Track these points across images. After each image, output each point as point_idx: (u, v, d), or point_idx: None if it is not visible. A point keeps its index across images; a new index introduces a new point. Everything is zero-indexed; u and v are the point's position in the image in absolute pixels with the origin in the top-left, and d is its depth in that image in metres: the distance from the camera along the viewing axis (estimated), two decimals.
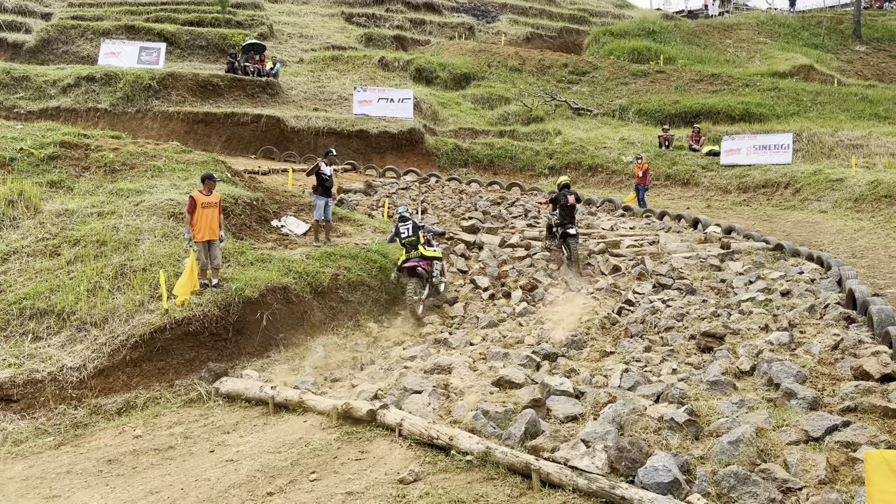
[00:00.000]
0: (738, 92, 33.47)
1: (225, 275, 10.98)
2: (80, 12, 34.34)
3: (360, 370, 9.93)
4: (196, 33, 31.96)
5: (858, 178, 19.90)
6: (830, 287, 11.19)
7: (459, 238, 16.31)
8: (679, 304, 11.45)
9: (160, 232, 11.93)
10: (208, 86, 25.97)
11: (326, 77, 30.77)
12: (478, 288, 13.81)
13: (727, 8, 58.28)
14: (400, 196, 20.00)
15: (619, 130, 29.54)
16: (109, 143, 15.22)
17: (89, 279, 10.65)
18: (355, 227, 15.20)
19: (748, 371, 7.78)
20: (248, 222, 13.42)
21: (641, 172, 21.00)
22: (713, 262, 13.87)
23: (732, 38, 45.64)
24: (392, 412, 7.39)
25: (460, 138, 27.91)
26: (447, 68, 35.09)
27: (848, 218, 18.04)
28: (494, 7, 47.77)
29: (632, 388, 7.68)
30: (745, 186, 22.94)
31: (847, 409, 6.40)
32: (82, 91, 24.64)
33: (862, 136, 26.52)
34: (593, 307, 12.22)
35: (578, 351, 9.89)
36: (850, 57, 44.52)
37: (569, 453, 5.99)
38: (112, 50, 27.21)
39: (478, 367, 9.20)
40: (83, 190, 13.41)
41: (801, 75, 37.02)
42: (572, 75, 36.76)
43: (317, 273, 12.02)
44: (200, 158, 15.42)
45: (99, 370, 9.42)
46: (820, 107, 31.93)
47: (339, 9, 41.05)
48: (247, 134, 24.56)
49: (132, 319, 9.97)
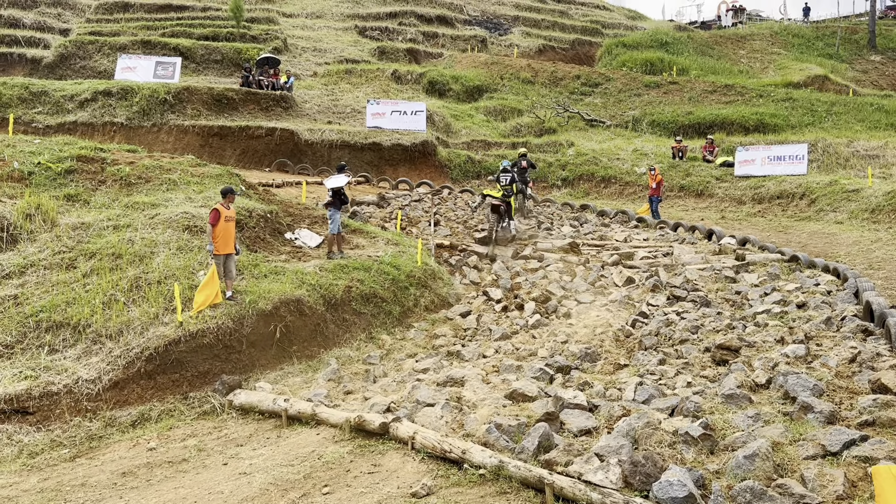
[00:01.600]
0: (752, 103, 33.32)
1: (239, 287, 11.04)
2: (97, 28, 34.83)
3: (373, 383, 9.93)
4: (211, 48, 32.28)
5: (875, 189, 19.73)
6: (847, 299, 11.08)
7: (472, 250, 16.31)
8: (694, 317, 11.38)
9: (175, 245, 12.01)
10: (223, 99, 26.18)
11: (340, 90, 30.95)
12: (490, 300, 13.79)
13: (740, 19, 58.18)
14: (413, 208, 20.02)
15: (632, 142, 29.47)
16: (125, 157, 15.37)
17: (105, 292, 10.73)
18: (368, 240, 15.24)
19: (764, 384, 7.71)
20: (262, 235, 13.49)
21: (655, 184, 20.93)
22: (728, 274, 13.78)
23: (746, 48, 45.54)
24: (405, 425, 7.38)
25: (473, 150, 27.95)
26: (460, 81, 35.20)
27: (864, 229, 17.87)
28: (507, 20, 47.94)
29: (646, 401, 7.63)
30: (759, 197, 22.81)
31: (865, 423, 6.32)
32: (99, 105, 24.91)
33: (878, 146, 26.30)
34: (607, 319, 12.15)
35: (592, 364, 9.84)
36: (865, 67, 44.29)
37: (582, 467, 5.95)
38: (128, 65, 27.52)
39: (491, 380, 9.17)
40: (99, 203, 13.54)
41: (816, 86, 36.84)
42: (585, 87, 36.77)
43: (330, 285, 12.05)
44: (215, 172, 15.53)
45: (114, 382, 9.48)
46: (835, 117, 31.73)
47: (352, 23, 41.35)
48: (261, 147, 24.71)
49: (147, 332, 10.03)
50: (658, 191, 21.01)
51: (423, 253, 14.36)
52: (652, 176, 21.07)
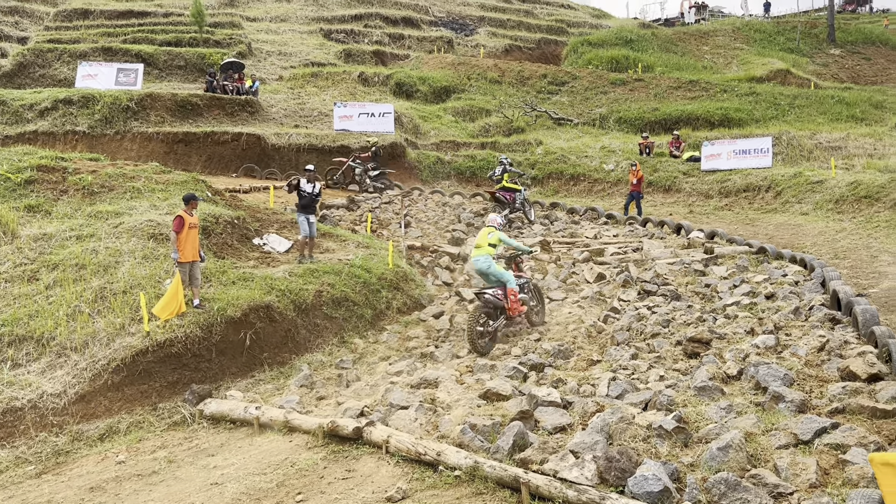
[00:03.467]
0: (717, 98, 33.75)
1: (207, 295, 10.86)
2: (56, 35, 34.14)
3: (346, 387, 9.83)
4: (174, 54, 31.82)
5: (838, 180, 20.07)
6: (814, 289, 11.22)
7: (444, 251, 16.26)
8: (664, 311, 11.44)
9: (140, 254, 11.79)
10: (187, 105, 25.82)
11: (306, 94, 30.70)
12: (463, 300, 13.75)
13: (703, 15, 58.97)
14: (383, 210, 19.93)
15: (599, 139, 29.66)
16: (88, 166, 15.07)
17: (69, 303, 10.50)
18: (338, 243, 15.12)
19: (735, 375, 7.75)
20: (229, 241, 13.30)
21: (636, 179, 21.02)
22: (697, 268, 13.89)
23: (709, 44, 46.11)
24: (378, 429, 7.30)
25: (442, 151, 27.91)
26: (427, 82, 35.15)
27: (829, 219, 18.16)
28: (473, 20, 48.00)
29: (619, 396, 7.63)
30: (726, 191, 23.07)
31: (835, 410, 6.38)
32: (60, 114, 24.40)
33: (840, 137, 26.78)
34: (579, 316, 12.19)
35: (565, 360, 9.84)
36: (825, 60, 45.10)
37: (558, 465, 5.91)
38: (89, 72, 26.99)
39: (465, 380, 9.13)
40: (61, 213, 13.25)
41: (778, 79, 37.43)
42: (552, 86, 36.94)
43: (300, 290, 11.91)
44: (180, 178, 15.29)
45: (80, 396, 9.27)
46: (798, 110, 32.25)
47: (317, 25, 41.06)
48: (227, 152, 24.41)
49: (113, 343, 9.82)
50: (639, 186, 21.10)
51: (394, 255, 14.28)
52: (633, 172, 21.15)
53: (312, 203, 13.79)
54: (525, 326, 12.13)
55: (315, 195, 13.84)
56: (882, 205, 17.42)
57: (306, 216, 13.51)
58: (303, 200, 13.65)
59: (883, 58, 45.82)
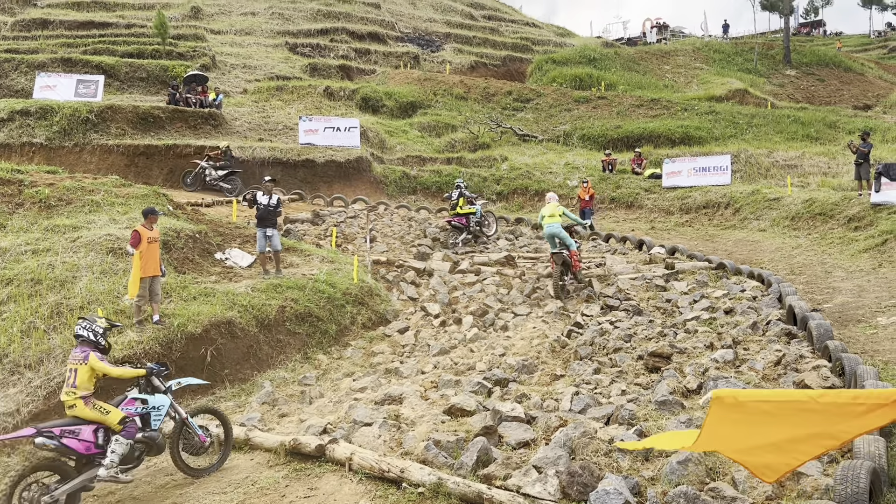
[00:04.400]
0: (678, 116, 34.43)
1: (167, 310, 10.69)
2: (13, 45, 33.46)
3: (309, 404, 9.73)
4: (136, 65, 31.41)
5: (794, 198, 20.57)
6: (771, 304, 11.46)
7: (409, 265, 16.25)
8: (626, 325, 11.57)
9: (98, 269, 11.57)
10: (149, 118, 25.49)
11: (271, 107, 30.54)
12: (429, 315, 13.74)
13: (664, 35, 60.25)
14: (348, 225, 19.86)
15: (563, 156, 30.02)
16: (45, 178, 14.76)
17: (23, 319, 10.24)
18: (302, 258, 15.01)
19: (695, 389, 7.88)
20: (190, 256, 13.12)
21: (588, 196, 21.31)
22: (658, 283, 14.09)
23: (670, 64, 47.08)
24: (342, 446, 7.24)
25: (408, 166, 27.96)
26: (393, 97, 35.25)
27: (786, 236, 18.59)
28: (439, 37, 48.32)
29: (582, 410, 7.69)
30: (686, 207, 23.49)
31: None
32: (16, 125, 23.88)
33: (796, 156, 27.51)
34: (543, 331, 12.25)
35: (529, 375, 9.88)
36: (781, 81, 46.33)
37: (521, 480, 5.93)
38: (47, 83, 26.48)
39: (429, 396, 9.11)
40: (16, 227, 12.94)
41: (737, 99, 38.35)
42: (517, 102, 37.33)
43: (263, 306, 11.80)
44: (141, 192, 15.07)
45: (34, 414, 9.01)
46: (755, 129, 33.05)
47: (282, 39, 40.94)
48: (190, 166, 24.15)
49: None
50: (590, 203, 21.41)
51: (359, 270, 14.23)
52: (584, 188, 21.46)
53: (269, 216, 13.51)
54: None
55: (273, 207, 13.62)
56: (836, 222, 17.89)
57: (263, 229, 13.34)
58: (258, 213, 13.47)
59: (836, 79, 47.24)
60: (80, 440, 6.85)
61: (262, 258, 13.45)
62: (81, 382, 6.99)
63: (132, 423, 7.09)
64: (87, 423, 6.94)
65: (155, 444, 7.34)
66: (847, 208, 18.02)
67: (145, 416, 7.35)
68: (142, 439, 7.20)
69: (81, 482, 6.80)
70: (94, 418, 6.92)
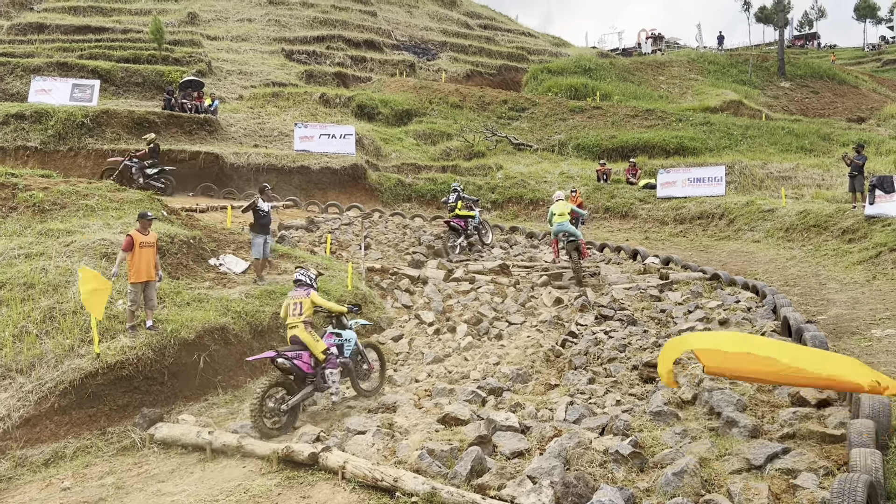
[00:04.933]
0: (672, 126, 34.55)
1: (160, 316, 10.62)
2: (9, 49, 33.39)
3: (302, 411, 9.67)
4: (132, 70, 31.37)
5: (788, 209, 20.64)
6: (766, 315, 11.46)
7: (403, 273, 16.22)
8: (621, 335, 11.57)
9: None
10: (144, 123, 25.42)
11: (267, 114, 30.53)
12: (423, 323, 13.70)
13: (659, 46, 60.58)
14: (343, 232, 19.83)
15: (558, 165, 30.07)
16: (39, 183, 14.69)
17: (15, 324, 10.15)
18: (297, 264, 14.95)
19: (690, 400, 7.86)
20: (184, 261, 13.06)
21: (576, 205, 21.28)
22: (653, 293, 14.09)
23: (665, 74, 47.30)
24: (335, 454, 7.19)
25: (403, 173, 27.98)
26: (389, 105, 35.29)
27: (780, 247, 18.64)
28: (435, 45, 48.45)
29: (577, 420, 7.67)
30: (681, 218, 23.54)
31: (786, 435, 6.50)
32: (11, 129, 23.79)
33: (790, 168, 27.62)
34: (538, 340, 12.23)
35: (524, 384, 9.85)
36: (776, 93, 46.61)
37: (515, 490, 5.90)
38: (43, 87, 26.41)
39: (423, 405, 9.07)
40: (10, 231, 12.86)
41: (731, 110, 38.54)
42: (512, 111, 37.42)
43: (256, 312, 11.74)
44: (135, 197, 15.01)
45: (25, 419, 8.94)
46: (750, 140, 33.19)
47: (278, 46, 40.97)
48: (184, 171, 24.04)
49: (61, 365, 9.51)
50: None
51: (353, 277, 14.19)
52: (573, 198, 21.46)
53: (269, 223, 13.68)
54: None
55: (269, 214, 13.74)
56: (830, 234, 17.95)
57: (264, 236, 13.38)
58: (262, 220, 13.50)
59: (830, 91, 47.56)
60: (303, 362, 9.08)
61: (258, 264, 13.41)
62: (305, 311, 9.34)
63: (332, 353, 9.34)
64: (304, 349, 9.14)
65: (347, 369, 9.60)
66: (841, 220, 18.09)
67: (340, 347, 9.61)
68: (339, 364, 9.39)
69: (302, 396, 9.07)
70: (308, 341, 9.19)
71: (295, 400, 8.96)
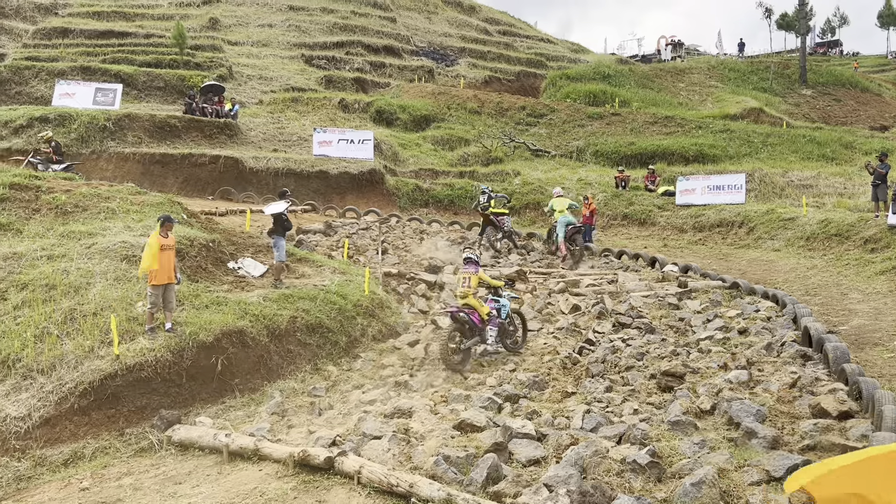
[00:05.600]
0: (692, 134, 34.34)
1: (179, 318, 10.70)
2: (34, 53, 33.91)
3: (319, 415, 9.70)
4: (154, 74, 31.73)
5: (809, 218, 20.42)
6: (786, 325, 11.35)
7: (420, 278, 16.23)
8: (639, 343, 11.49)
9: (112, 275, 11.61)
10: (165, 127, 25.70)
11: (286, 118, 30.73)
12: (439, 328, 13.68)
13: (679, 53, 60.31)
14: (360, 236, 19.88)
15: (576, 171, 29.97)
16: (62, 185, 14.87)
17: (37, 324, 10.27)
18: (314, 268, 15.01)
19: (709, 410, 7.79)
20: (203, 264, 13.14)
21: (588, 212, 21.21)
22: (671, 301, 14.00)
23: (685, 81, 47.04)
24: (350, 459, 7.19)
25: (421, 179, 28.02)
26: (407, 110, 35.37)
27: (801, 256, 18.44)
28: (454, 51, 48.53)
29: (594, 429, 7.62)
30: (700, 226, 23.37)
31: (807, 447, 6.43)
32: (35, 132, 24.05)
33: (811, 176, 27.35)
34: (555, 347, 12.19)
35: (540, 392, 9.82)
36: (797, 100, 46.19)
37: (531, 498, 5.88)
38: (67, 91, 26.79)
39: (439, 410, 9.06)
40: (33, 232, 13.03)
41: (752, 118, 38.24)
42: (530, 117, 37.36)
43: (274, 316, 11.79)
44: (156, 200, 15.15)
45: (45, 419, 9.04)
46: (770, 148, 32.91)
47: (298, 51, 41.23)
48: (204, 175, 24.28)
49: (81, 366, 9.61)
50: (591, 219, 21.30)
51: (370, 281, 14.21)
52: (586, 204, 21.37)
53: (287, 226, 13.76)
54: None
55: None
56: (852, 243, 17.74)
57: (281, 239, 13.46)
58: (284, 224, 13.58)
59: (853, 99, 47.07)
60: (475, 318, 11.79)
61: (277, 268, 13.42)
62: (472, 284, 11.95)
63: (493, 315, 11.96)
64: (473, 310, 11.81)
65: (503, 328, 12.09)
66: (863, 230, 17.87)
67: (498, 311, 12.10)
68: (498, 324, 11.94)
69: (473, 342, 11.77)
70: (476, 306, 11.87)
71: (469, 343, 11.68)
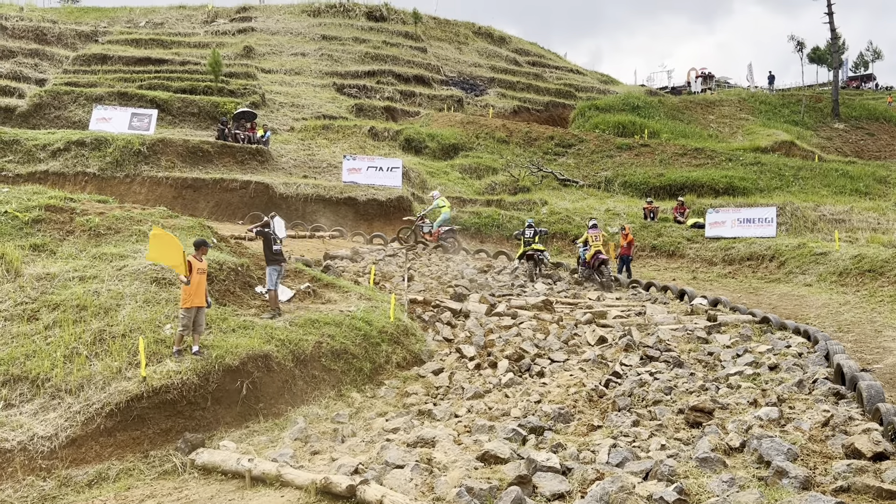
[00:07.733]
0: (722, 166, 34.10)
1: (206, 342, 10.78)
2: (73, 79, 34.85)
3: (341, 442, 9.66)
4: (188, 101, 32.41)
5: (842, 253, 20.07)
6: (818, 361, 11.11)
7: (446, 306, 16.20)
8: (667, 377, 11.30)
9: (142, 297, 11.77)
10: (198, 152, 26.18)
11: (317, 145, 31.14)
12: (463, 357, 13.61)
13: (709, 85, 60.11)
14: (387, 263, 19.94)
15: (604, 202, 29.88)
16: (95, 208, 15.17)
17: (67, 345, 10.43)
18: (340, 294, 15.07)
19: (738, 447, 7.62)
20: (231, 288, 13.27)
21: (626, 243, 21.08)
22: (700, 335, 13.79)
23: (715, 113, 46.85)
24: (372, 488, 7.14)
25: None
26: (436, 139, 35.64)
27: (833, 291, 18.10)
28: (483, 81, 48.93)
29: (620, 464, 7.49)
30: (730, 258, 23.09)
31: (840, 489, 6.25)
32: (72, 155, 24.72)
33: (844, 210, 26.95)
34: (581, 379, 12.04)
35: (566, 424, 9.69)
36: (829, 134, 45.74)
37: None
38: (103, 115, 27.47)
39: (462, 441, 8.97)
40: (66, 254, 13.28)
41: (783, 151, 37.91)
42: (558, 147, 37.42)
43: (299, 341, 11.82)
44: (187, 224, 15.37)
45: (71, 440, 9.13)
46: (802, 181, 32.55)
47: (330, 80, 41.88)
48: (235, 200, 24.63)
49: (109, 387, 9.71)
50: (629, 250, 21.16)
51: (395, 308, 14.22)
52: (623, 235, 21.26)
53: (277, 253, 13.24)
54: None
55: None
56: (886, 279, 17.38)
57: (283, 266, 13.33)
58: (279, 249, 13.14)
59: (886, 134, 46.49)
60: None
61: (274, 295, 13.05)
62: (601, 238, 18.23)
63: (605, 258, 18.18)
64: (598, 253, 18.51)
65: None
66: None
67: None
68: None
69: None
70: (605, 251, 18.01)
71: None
